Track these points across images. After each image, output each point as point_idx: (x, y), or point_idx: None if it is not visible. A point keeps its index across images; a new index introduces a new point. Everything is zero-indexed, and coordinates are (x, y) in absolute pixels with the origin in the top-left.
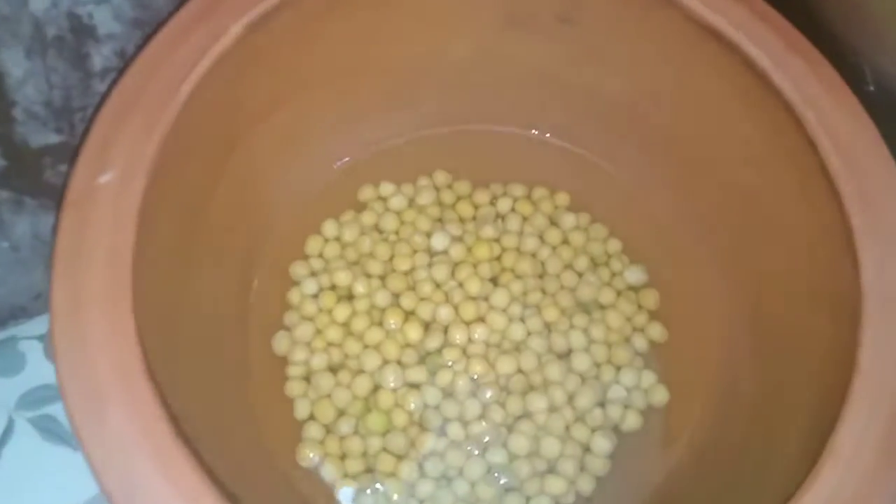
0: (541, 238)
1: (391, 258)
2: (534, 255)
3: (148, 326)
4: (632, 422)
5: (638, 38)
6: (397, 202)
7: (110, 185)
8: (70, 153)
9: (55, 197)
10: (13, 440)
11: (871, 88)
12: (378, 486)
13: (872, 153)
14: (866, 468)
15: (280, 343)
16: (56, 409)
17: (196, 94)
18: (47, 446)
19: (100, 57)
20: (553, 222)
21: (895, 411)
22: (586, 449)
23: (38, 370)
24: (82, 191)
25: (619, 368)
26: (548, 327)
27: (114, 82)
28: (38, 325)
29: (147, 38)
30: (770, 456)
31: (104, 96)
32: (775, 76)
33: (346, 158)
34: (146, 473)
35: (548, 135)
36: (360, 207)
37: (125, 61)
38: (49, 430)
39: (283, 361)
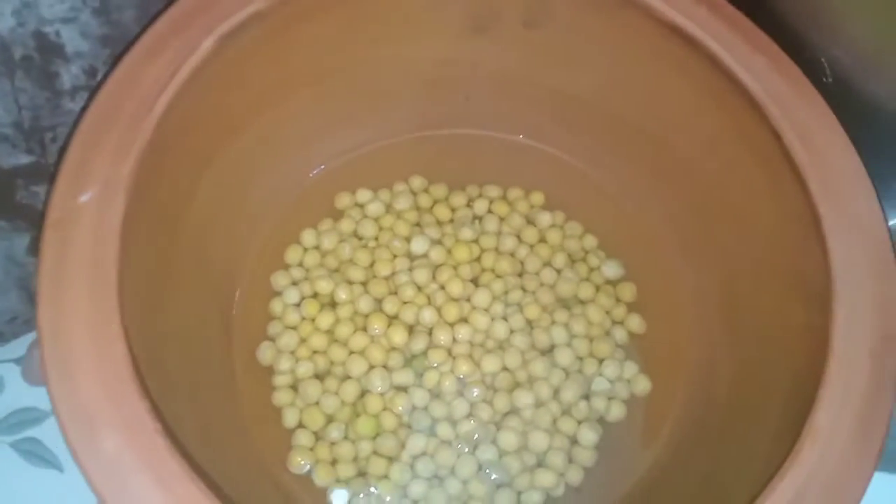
0: (518, 237)
1: (372, 264)
2: (512, 255)
3: (135, 344)
4: (616, 412)
5: (604, 40)
6: (375, 208)
7: (90, 205)
8: (42, 173)
9: (28, 218)
10: None
11: (829, 80)
12: (371, 489)
13: (835, 143)
14: (844, 445)
15: (265, 353)
16: (38, 432)
17: (171, 109)
18: (31, 469)
19: (69, 75)
20: (529, 221)
21: (868, 389)
22: (574, 441)
23: (17, 394)
24: (63, 211)
25: (601, 361)
26: (530, 324)
27: (88, 101)
28: (14, 349)
29: (119, 55)
30: (750, 437)
31: (79, 115)
32: (739, 72)
33: (321, 167)
34: (145, 488)
35: (520, 136)
36: (338, 215)
37: (97, 79)
38: (32, 453)
39: (270, 371)
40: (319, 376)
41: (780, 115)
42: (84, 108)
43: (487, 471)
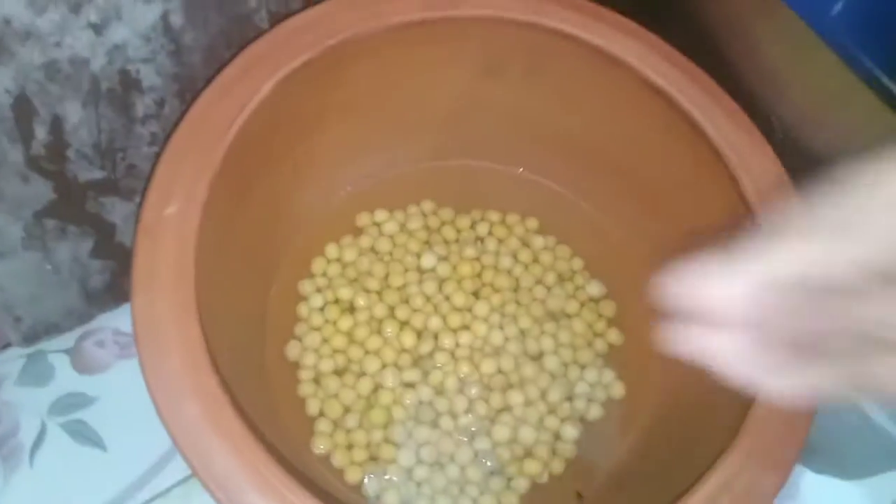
0: (514, 257)
1: (386, 276)
2: (509, 272)
3: (207, 333)
4: (595, 412)
5: (595, 90)
6: (390, 227)
7: (174, 216)
8: (110, 187)
9: (94, 225)
10: (46, 442)
11: (779, 136)
12: (382, 472)
13: (778, 184)
14: (779, 425)
15: (292, 350)
16: (85, 415)
17: (236, 140)
18: (78, 448)
19: (142, 105)
20: (525, 244)
21: None
22: (557, 436)
23: (66, 380)
24: (153, 220)
25: (583, 367)
26: (522, 333)
27: (172, 130)
28: (65, 340)
29: (196, 94)
30: (705, 428)
31: (164, 143)
32: (706, 126)
33: (347, 188)
34: (219, 448)
35: (520, 169)
36: (358, 232)
37: (164, 109)
38: (79, 433)
39: (296, 366)
40: (339, 372)
41: (737, 162)
42: (168, 137)
43: (483, 459)
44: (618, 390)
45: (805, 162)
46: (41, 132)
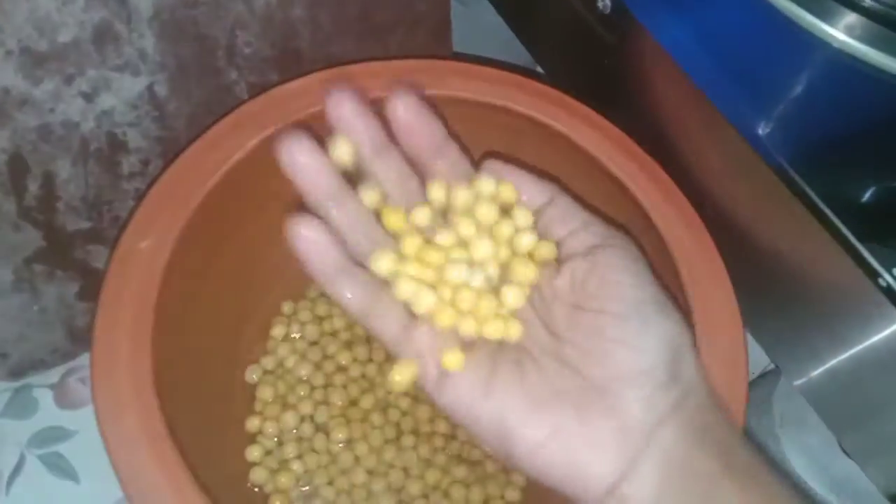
0: None
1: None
2: None
3: (159, 356)
4: None
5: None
6: None
7: (147, 249)
8: (96, 236)
9: (80, 270)
10: (24, 473)
11: (709, 212)
12: None
13: (714, 277)
14: None
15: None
16: (63, 448)
17: (217, 188)
18: (53, 479)
19: (128, 164)
20: None
21: None
22: None
23: (48, 414)
24: (127, 250)
25: None
26: None
27: (159, 174)
28: (51, 376)
29: (183, 148)
30: None
31: (149, 186)
32: (652, 214)
33: None
34: (146, 460)
35: None
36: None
37: (149, 167)
38: (56, 465)
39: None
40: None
41: (681, 258)
42: (153, 181)
43: None
44: None
45: (738, 249)
46: (33, 186)
